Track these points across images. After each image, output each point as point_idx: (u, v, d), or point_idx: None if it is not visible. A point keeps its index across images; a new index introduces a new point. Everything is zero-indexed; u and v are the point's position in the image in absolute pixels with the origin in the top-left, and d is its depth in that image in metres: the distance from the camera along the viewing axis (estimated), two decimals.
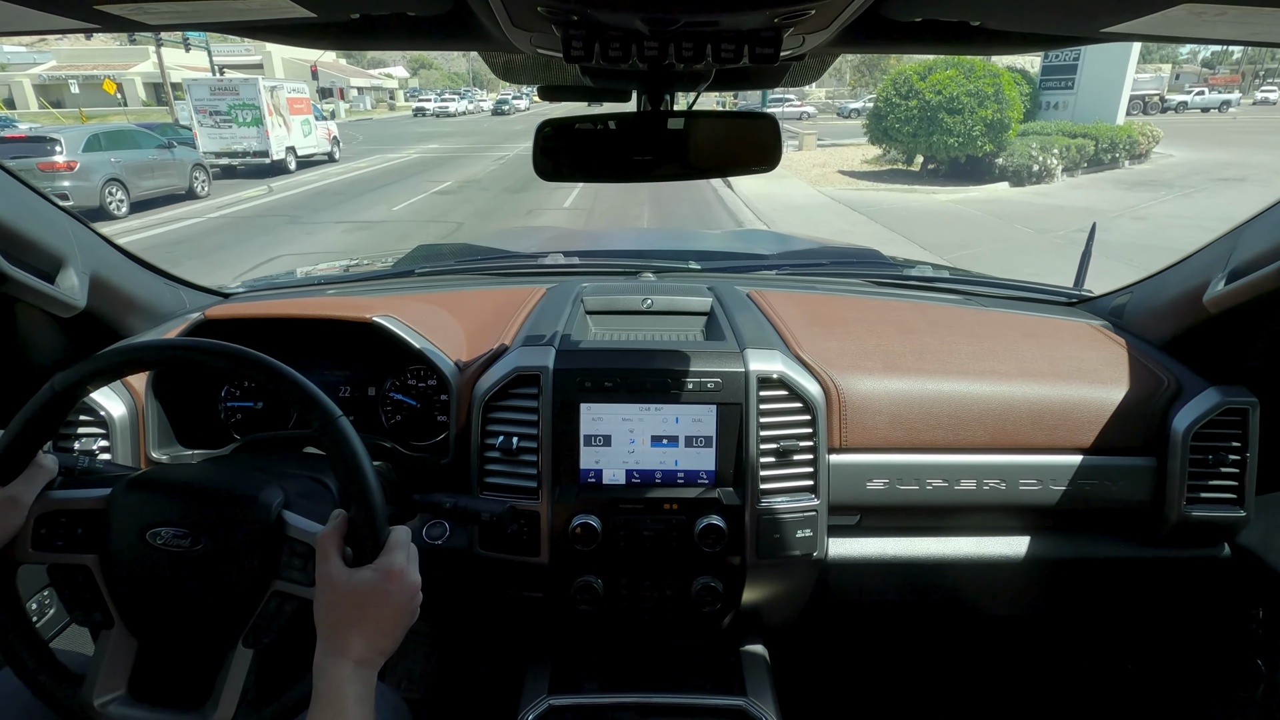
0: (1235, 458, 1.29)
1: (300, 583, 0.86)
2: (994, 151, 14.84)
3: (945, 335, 1.48)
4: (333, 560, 0.80)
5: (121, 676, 0.88)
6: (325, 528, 0.83)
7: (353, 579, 0.79)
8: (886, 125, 15.61)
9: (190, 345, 0.89)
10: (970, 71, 14.62)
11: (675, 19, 0.68)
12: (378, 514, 0.83)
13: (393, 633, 0.81)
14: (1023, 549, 1.35)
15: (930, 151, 15.39)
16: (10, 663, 0.86)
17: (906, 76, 15.23)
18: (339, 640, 0.77)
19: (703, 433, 1.24)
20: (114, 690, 0.87)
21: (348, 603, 0.79)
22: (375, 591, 0.79)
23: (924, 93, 14.67)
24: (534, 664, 1.31)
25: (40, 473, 0.87)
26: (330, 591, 0.79)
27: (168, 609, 0.87)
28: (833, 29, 0.78)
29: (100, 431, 1.31)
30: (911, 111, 14.92)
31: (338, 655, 0.76)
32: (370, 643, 0.78)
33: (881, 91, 15.99)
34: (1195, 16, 0.64)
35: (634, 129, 1.02)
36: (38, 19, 0.72)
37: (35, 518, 0.85)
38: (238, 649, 0.86)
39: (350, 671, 0.76)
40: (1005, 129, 14.61)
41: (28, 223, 1.16)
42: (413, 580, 0.83)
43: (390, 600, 0.80)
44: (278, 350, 0.90)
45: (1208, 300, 1.26)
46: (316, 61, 41.97)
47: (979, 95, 14.44)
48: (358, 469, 0.83)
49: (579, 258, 2.01)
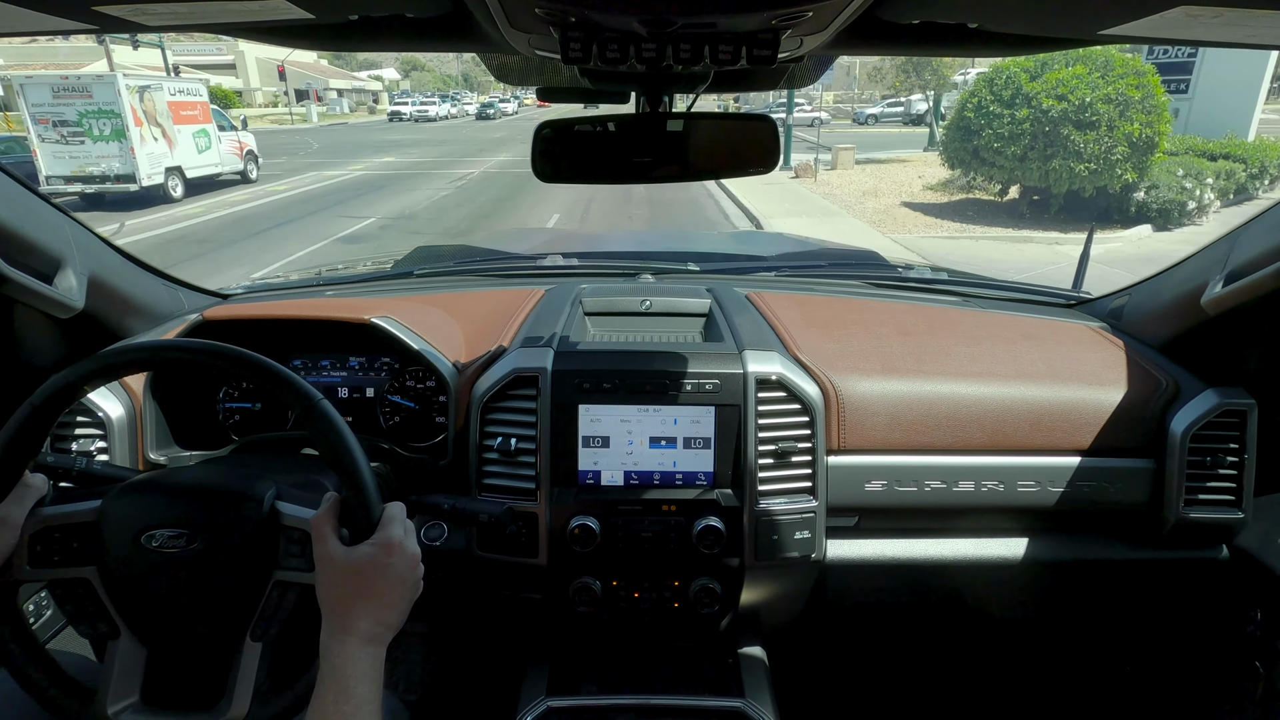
0: (1233, 459, 1.29)
1: (300, 569, 0.86)
2: (1134, 182, 10.13)
3: (944, 337, 1.48)
4: (329, 541, 0.80)
5: (133, 685, 0.88)
6: (318, 510, 0.83)
7: (351, 556, 0.79)
8: (979, 145, 10.77)
9: (161, 345, 0.89)
10: (1106, 69, 9.98)
11: (673, 21, 0.68)
12: (369, 490, 0.83)
13: (397, 605, 0.81)
14: (1021, 550, 1.35)
15: (1044, 180, 10.45)
16: (21, 682, 0.86)
17: (1011, 76, 10.40)
18: (343, 619, 0.77)
19: (701, 434, 1.24)
20: (127, 699, 0.87)
21: (349, 580, 0.79)
22: (375, 566, 0.79)
23: (1039, 98, 10.03)
24: (532, 666, 1.31)
25: (29, 492, 0.86)
26: (330, 571, 0.80)
27: (172, 612, 0.87)
28: (830, 31, 0.78)
29: (98, 432, 1.31)
30: (1021, 126, 10.17)
31: (342, 634, 0.76)
32: (375, 618, 0.78)
33: (967, 98, 11.26)
34: (1192, 19, 0.64)
35: (632, 131, 1.02)
36: (35, 19, 0.72)
37: (29, 535, 0.85)
38: (246, 644, 0.86)
39: (355, 649, 0.76)
40: (1152, 149, 9.96)
41: (27, 224, 1.16)
42: (412, 551, 0.83)
43: (391, 573, 0.80)
44: (276, 351, 0.90)
45: (1206, 302, 1.26)
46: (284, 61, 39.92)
47: (1121, 102, 9.72)
48: (344, 448, 0.84)
49: (578, 259, 2.01)
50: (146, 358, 0.90)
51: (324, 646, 0.77)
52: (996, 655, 1.74)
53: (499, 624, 1.53)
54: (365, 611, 0.77)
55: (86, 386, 0.87)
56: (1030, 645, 1.72)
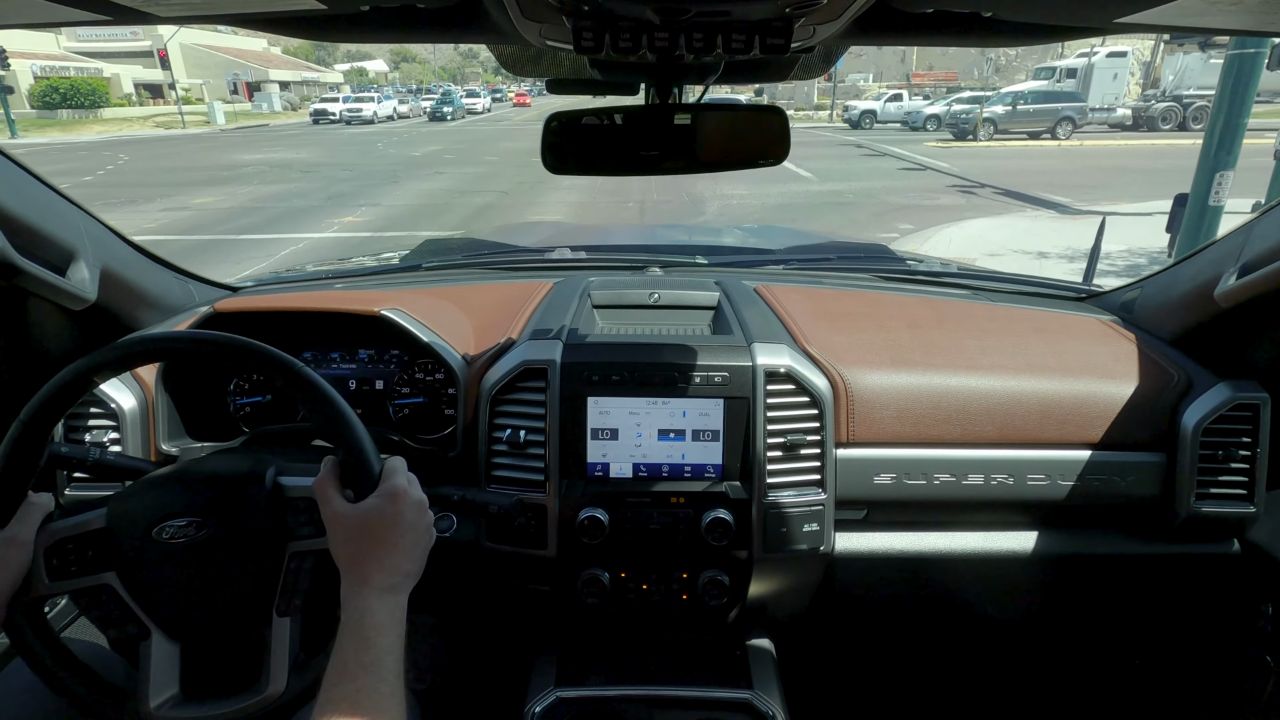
0: (1245, 453, 1.28)
1: (312, 536, 0.87)
2: None
3: (953, 330, 1.47)
4: (335, 500, 0.82)
5: (172, 679, 0.89)
6: (318, 475, 0.84)
7: (358, 511, 0.81)
8: None
9: (149, 339, 0.90)
10: None
11: (686, 9, 0.68)
12: (365, 448, 0.84)
13: (411, 552, 0.82)
14: (1030, 544, 1.35)
15: None
16: (61, 694, 0.87)
17: None
18: (360, 572, 0.78)
19: (710, 426, 1.24)
20: (167, 692, 0.88)
21: (359, 534, 0.80)
22: (384, 515, 0.80)
23: None
24: (541, 656, 1.32)
25: (34, 509, 0.87)
26: (340, 529, 0.81)
27: (195, 602, 0.88)
28: (844, 19, 0.78)
29: (111, 423, 1.32)
30: None
31: (360, 586, 0.77)
32: (391, 566, 0.79)
33: None
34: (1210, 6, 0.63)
35: (641, 123, 1.02)
36: (48, 10, 0.73)
37: (44, 550, 0.86)
38: (274, 621, 0.87)
39: (373, 600, 0.76)
40: None
41: (40, 216, 1.17)
42: (418, 498, 0.84)
43: (402, 520, 0.81)
44: (286, 343, 0.91)
45: (1219, 294, 1.25)
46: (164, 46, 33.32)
47: None
48: (334, 410, 0.85)
49: (586, 252, 2.01)
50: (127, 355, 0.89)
51: (344, 600, 0.78)
52: (1004, 649, 1.74)
53: (507, 615, 1.54)
54: (379, 562, 0.79)
55: (96, 379, 0.88)
56: (1038, 639, 1.72)
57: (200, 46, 44.36)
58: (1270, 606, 1.38)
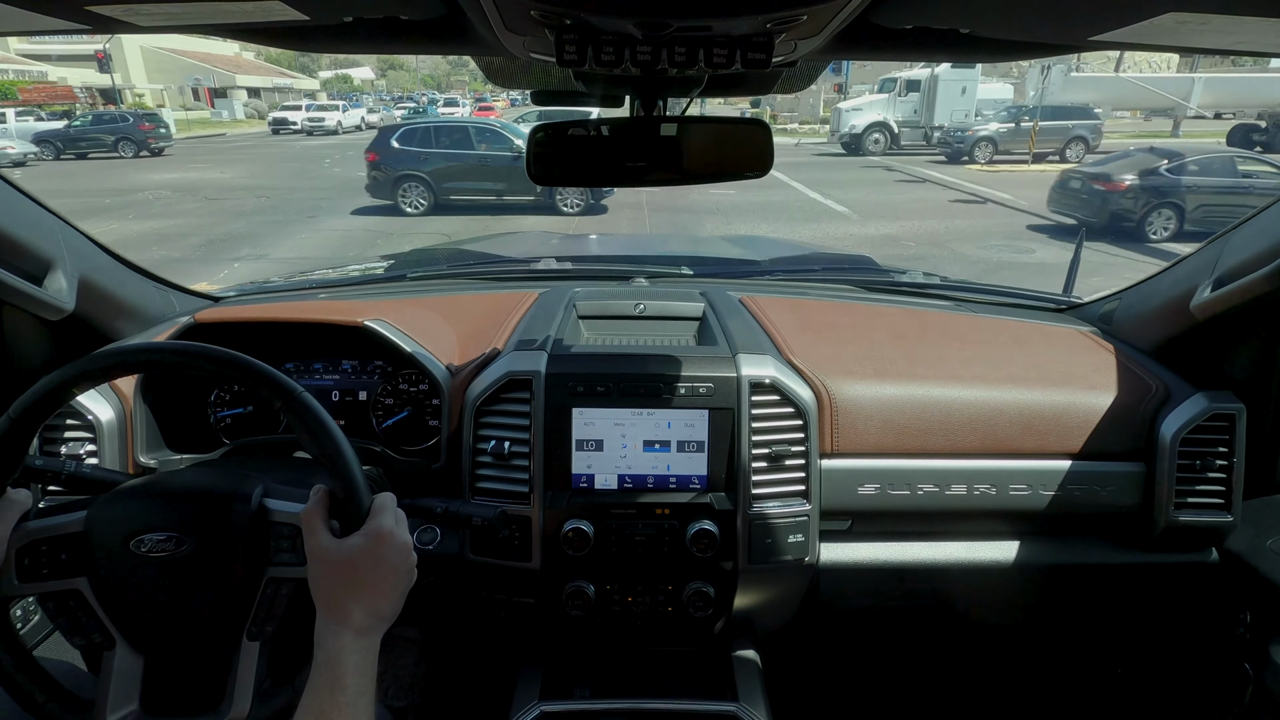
0: (1223, 463, 1.30)
1: (292, 564, 0.85)
2: None
3: (936, 341, 1.48)
4: (320, 533, 0.80)
5: (132, 693, 0.87)
6: (307, 504, 0.82)
7: (342, 547, 0.79)
8: None
9: (138, 349, 0.88)
10: None
11: (668, 24, 0.68)
12: (357, 481, 0.82)
13: (390, 595, 0.80)
14: (1013, 554, 1.36)
15: None
16: (16, 698, 0.85)
17: None
18: (337, 610, 0.77)
19: (695, 437, 1.24)
20: (126, 707, 0.86)
21: (341, 572, 0.78)
22: (367, 556, 0.79)
23: None
24: (525, 670, 1.30)
25: (12, 506, 0.85)
26: (322, 564, 0.79)
27: (166, 617, 0.86)
28: (824, 35, 0.79)
29: (88, 435, 1.30)
30: None
31: (336, 625, 0.76)
32: (369, 608, 0.78)
33: None
34: (1182, 25, 0.65)
35: (626, 134, 1.02)
36: (27, 19, 0.72)
37: (16, 550, 0.84)
38: (243, 644, 0.85)
39: (350, 641, 0.75)
40: None
41: (17, 225, 1.15)
42: (403, 540, 0.83)
43: (384, 563, 0.79)
44: (268, 354, 0.89)
45: (1194, 306, 1.27)
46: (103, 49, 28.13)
47: None
48: (329, 439, 0.83)
49: (571, 262, 2.01)
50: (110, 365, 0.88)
51: (319, 637, 0.76)
52: (989, 658, 1.75)
53: (491, 628, 1.52)
54: (358, 602, 0.77)
55: (74, 390, 0.86)
56: (1022, 648, 1.73)
57: (163, 50, 41.84)
58: (1248, 614, 1.40)
